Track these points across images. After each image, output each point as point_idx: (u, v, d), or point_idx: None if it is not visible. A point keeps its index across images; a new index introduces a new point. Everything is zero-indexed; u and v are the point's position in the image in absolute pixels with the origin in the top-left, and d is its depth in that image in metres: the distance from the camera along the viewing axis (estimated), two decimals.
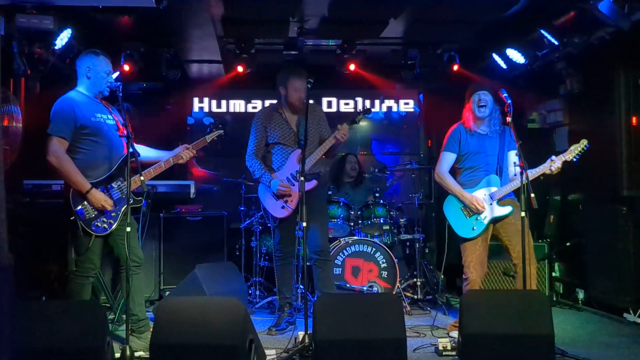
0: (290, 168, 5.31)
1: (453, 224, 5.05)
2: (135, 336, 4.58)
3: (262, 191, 5.43)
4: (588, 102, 6.36)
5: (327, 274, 5.40)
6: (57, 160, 4.31)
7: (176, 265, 6.59)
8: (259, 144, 5.43)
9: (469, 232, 4.98)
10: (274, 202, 5.31)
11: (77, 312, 3.81)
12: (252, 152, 5.43)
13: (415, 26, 6.35)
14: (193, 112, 8.39)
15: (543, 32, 5.93)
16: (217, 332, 3.59)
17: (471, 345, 3.85)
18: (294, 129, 5.40)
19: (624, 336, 5.15)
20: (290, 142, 5.38)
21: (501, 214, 4.94)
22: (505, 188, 4.92)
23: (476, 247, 4.96)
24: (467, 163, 5.09)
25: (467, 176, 5.09)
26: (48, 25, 4.97)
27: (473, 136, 5.08)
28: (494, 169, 5.02)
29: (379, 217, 6.66)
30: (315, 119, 5.43)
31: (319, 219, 5.30)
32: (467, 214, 4.99)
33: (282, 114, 5.43)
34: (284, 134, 5.39)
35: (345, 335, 3.79)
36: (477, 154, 5.05)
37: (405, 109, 8.67)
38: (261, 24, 6.20)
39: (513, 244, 4.88)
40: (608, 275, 5.87)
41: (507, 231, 4.95)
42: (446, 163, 5.12)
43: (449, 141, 5.14)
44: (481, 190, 4.99)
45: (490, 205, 4.94)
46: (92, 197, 4.33)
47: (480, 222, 4.95)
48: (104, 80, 4.54)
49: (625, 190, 5.80)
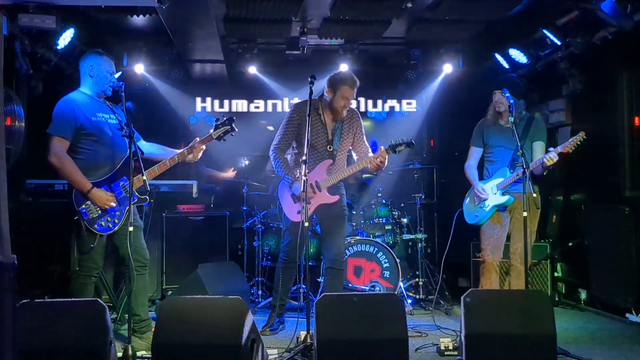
0: (316, 176, 5.16)
1: (465, 211, 5.39)
2: (137, 336, 4.57)
3: (282, 189, 5.30)
4: (591, 102, 6.36)
5: (337, 282, 5.29)
6: (58, 160, 4.32)
7: (178, 264, 6.60)
8: (286, 138, 5.24)
9: (472, 219, 5.29)
10: (292, 204, 5.20)
11: (79, 312, 3.80)
12: (277, 146, 5.25)
13: (417, 26, 6.35)
14: (196, 111, 8.39)
15: (546, 32, 5.93)
16: (219, 332, 3.59)
17: (473, 345, 3.85)
18: (329, 135, 5.23)
19: (626, 336, 5.14)
20: (321, 146, 5.21)
21: (500, 202, 5.13)
22: (509, 179, 5.07)
23: (493, 232, 5.17)
24: (488, 156, 5.33)
25: (488, 168, 5.34)
26: (50, 25, 4.97)
27: (494, 129, 5.26)
28: (509, 161, 5.16)
29: (381, 217, 6.68)
30: (352, 125, 5.31)
31: (337, 230, 5.25)
32: (475, 203, 5.28)
33: (321, 116, 5.23)
34: (318, 136, 5.20)
35: (347, 335, 3.79)
36: (496, 147, 5.25)
37: (408, 108, 8.66)
38: (264, 23, 6.21)
39: (514, 240, 5.16)
40: (610, 275, 5.86)
41: (514, 227, 5.17)
42: (472, 157, 5.39)
43: (473, 135, 5.41)
44: (491, 182, 5.21)
45: (494, 194, 5.15)
46: (93, 196, 4.34)
47: (483, 210, 5.19)
48: (107, 79, 4.55)
49: (628, 190, 5.81)
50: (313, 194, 5.11)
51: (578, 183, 6.58)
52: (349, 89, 5.11)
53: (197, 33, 6.16)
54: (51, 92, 5.78)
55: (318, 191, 5.13)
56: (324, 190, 5.15)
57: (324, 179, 5.15)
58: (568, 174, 6.84)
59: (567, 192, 6.85)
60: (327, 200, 5.15)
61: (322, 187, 5.15)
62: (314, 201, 5.14)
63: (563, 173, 6.94)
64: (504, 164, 5.18)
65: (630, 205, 5.64)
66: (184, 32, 6.18)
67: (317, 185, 5.13)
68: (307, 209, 4.54)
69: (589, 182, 6.37)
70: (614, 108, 5.95)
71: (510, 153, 5.15)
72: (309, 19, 6.21)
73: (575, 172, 6.65)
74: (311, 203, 5.12)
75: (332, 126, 5.25)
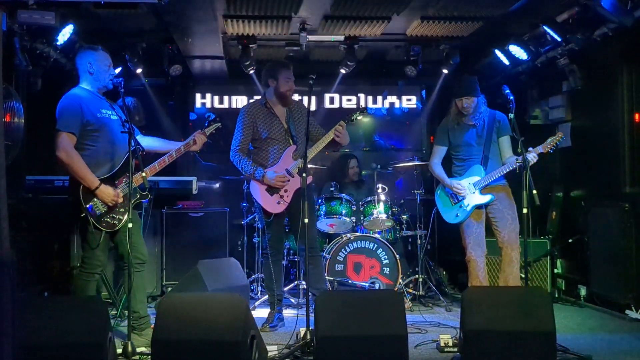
0: (285, 164, 5.28)
1: (440, 210, 5.47)
2: (136, 333, 4.57)
3: (254, 187, 5.35)
4: (591, 98, 6.35)
5: (318, 269, 5.43)
6: (67, 155, 4.30)
7: (178, 261, 6.61)
8: (245, 140, 5.37)
9: (453, 218, 5.34)
10: (269, 198, 5.27)
11: (79, 308, 3.81)
12: (237, 148, 5.36)
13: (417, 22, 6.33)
14: (195, 107, 8.39)
15: (546, 28, 5.91)
16: (218, 328, 3.58)
17: (472, 342, 3.85)
18: (284, 125, 5.38)
19: (625, 333, 5.15)
20: (280, 138, 5.35)
21: (481, 202, 5.22)
22: (488, 177, 5.16)
23: (473, 229, 5.26)
24: (456, 154, 5.40)
25: (457, 166, 5.42)
26: (50, 21, 4.96)
27: (459, 128, 5.34)
28: (480, 158, 5.26)
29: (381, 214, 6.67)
30: (302, 113, 5.47)
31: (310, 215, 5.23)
32: (452, 202, 5.34)
33: (271, 109, 5.39)
34: (274, 129, 5.35)
35: (346, 332, 3.79)
36: (463, 145, 5.33)
37: (408, 105, 8.66)
38: (263, 19, 6.20)
39: (499, 230, 5.22)
40: (610, 271, 5.86)
41: (495, 216, 5.24)
42: (437, 155, 5.47)
43: (437, 135, 5.51)
44: (465, 180, 5.26)
45: (473, 193, 5.21)
46: (101, 193, 4.33)
47: (464, 210, 5.25)
48: (107, 73, 4.56)
49: (628, 187, 5.80)
50: (287, 182, 5.24)
51: (578, 179, 6.58)
52: (287, 70, 5.36)
53: (197, 29, 6.14)
54: (51, 88, 5.77)
55: (291, 177, 5.24)
56: (296, 175, 5.24)
57: (293, 164, 5.28)
58: (568, 170, 6.84)
59: (567, 188, 6.84)
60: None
61: (293, 172, 5.25)
62: (290, 188, 5.26)
63: (563, 169, 6.94)
64: (475, 161, 5.27)
65: (630, 202, 5.64)
66: (184, 28, 6.16)
67: (289, 172, 5.26)
68: (305, 205, 4.57)
69: (589, 179, 6.37)
70: (614, 104, 5.95)
71: (480, 150, 5.26)
72: (309, 16, 6.20)
73: (575, 168, 6.65)
74: (288, 191, 5.27)
75: (285, 116, 5.41)
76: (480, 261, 5.25)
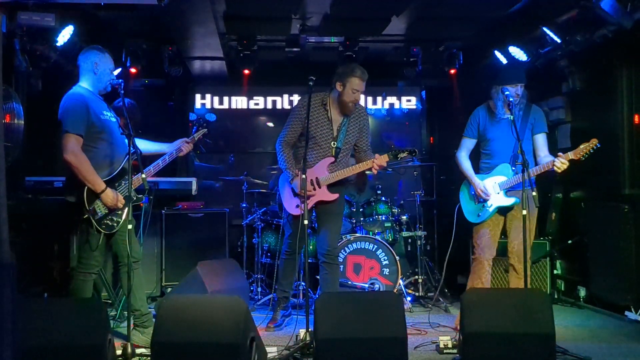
0: (317, 172, 5.12)
1: (463, 207, 5.17)
2: (139, 331, 4.61)
3: (283, 182, 5.26)
4: (590, 100, 6.35)
5: (333, 277, 5.25)
6: (75, 158, 4.27)
7: (178, 262, 6.60)
8: (292, 133, 5.17)
9: (475, 218, 5.07)
10: (291, 198, 5.17)
11: (78, 310, 3.82)
12: (283, 140, 5.19)
13: (417, 23, 6.34)
14: (195, 108, 8.39)
15: (545, 29, 5.91)
16: (218, 330, 3.59)
17: (472, 344, 3.85)
18: (334, 132, 5.17)
19: (625, 334, 5.15)
20: (325, 142, 5.14)
21: (505, 204, 4.95)
22: (514, 178, 4.86)
23: (486, 231, 5.01)
24: (486, 149, 5.12)
25: (484, 163, 5.13)
26: (50, 23, 4.97)
27: (493, 121, 5.06)
28: (509, 156, 4.97)
29: (380, 214, 6.68)
30: (358, 124, 5.24)
31: (333, 223, 5.23)
32: (475, 200, 5.08)
33: (328, 111, 5.16)
34: (321, 132, 5.14)
35: (346, 333, 3.79)
36: (495, 140, 5.04)
37: (408, 106, 8.66)
38: (263, 20, 6.21)
39: (511, 238, 4.99)
40: (609, 273, 5.86)
41: (511, 225, 5.01)
42: (464, 147, 5.17)
43: (467, 125, 5.17)
44: (491, 179, 5.01)
45: (498, 194, 4.96)
46: (106, 196, 4.34)
47: (486, 210, 5.00)
48: (109, 76, 4.58)
49: (628, 188, 5.81)
50: (313, 191, 5.08)
51: (578, 181, 6.58)
52: (358, 80, 5.03)
53: (196, 30, 6.15)
54: (50, 89, 5.77)
55: (318, 188, 5.10)
56: (324, 187, 5.13)
57: (325, 176, 5.11)
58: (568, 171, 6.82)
59: (567, 189, 6.85)
60: (327, 197, 5.13)
61: (322, 184, 5.11)
62: (314, 198, 5.12)
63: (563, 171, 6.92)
64: (504, 159, 4.98)
65: (630, 203, 5.65)
66: (184, 29, 6.17)
67: (317, 181, 5.10)
68: (306, 206, 4.56)
69: (589, 180, 6.36)
70: (613, 106, 5.95)
71: (510, 147, 4.95)
72: (309, 16, 6.20)
73: (575, 169, 6.63)
74: (310, 199, 5.09)
75: (339, 122, 5.18)
76: (487, 264, 5.00)
